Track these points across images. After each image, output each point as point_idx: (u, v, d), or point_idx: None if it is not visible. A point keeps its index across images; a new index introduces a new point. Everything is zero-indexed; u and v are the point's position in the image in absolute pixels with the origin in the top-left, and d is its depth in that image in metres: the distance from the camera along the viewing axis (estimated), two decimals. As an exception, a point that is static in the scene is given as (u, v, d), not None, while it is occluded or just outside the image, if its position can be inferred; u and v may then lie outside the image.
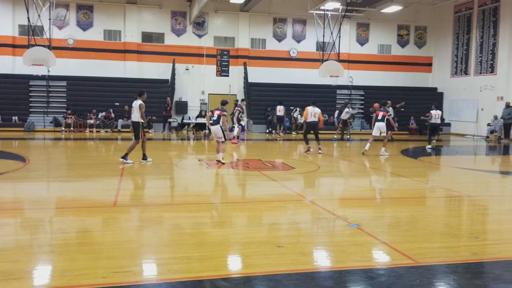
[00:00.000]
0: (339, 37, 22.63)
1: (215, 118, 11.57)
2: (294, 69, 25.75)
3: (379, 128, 13.85)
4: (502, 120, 21.17)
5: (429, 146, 16.14)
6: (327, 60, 22.35)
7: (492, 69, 22.85)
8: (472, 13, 24.16)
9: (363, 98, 26.16)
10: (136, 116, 11.19)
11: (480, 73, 23.65)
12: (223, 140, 11.61)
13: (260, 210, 6.84)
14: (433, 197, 8.38)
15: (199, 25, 25.01)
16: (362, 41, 26.97)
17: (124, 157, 11.25)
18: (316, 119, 14.19)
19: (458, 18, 25.24)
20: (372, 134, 14.28)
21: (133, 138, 11.45)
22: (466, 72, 24.74)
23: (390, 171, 11.80)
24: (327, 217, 6.42)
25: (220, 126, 11.52)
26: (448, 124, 25.81)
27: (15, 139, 17.73)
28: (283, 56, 25.90)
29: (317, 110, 14.20)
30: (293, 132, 23.40)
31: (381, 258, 4.75)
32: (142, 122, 11.19)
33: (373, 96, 24.99)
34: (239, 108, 18.44)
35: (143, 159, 11.43)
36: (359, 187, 9.22)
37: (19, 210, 6.77)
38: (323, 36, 22.91)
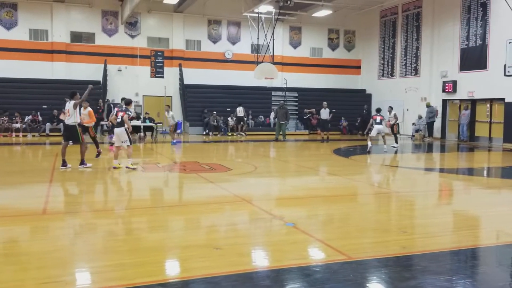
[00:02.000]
0: (273, 39, 23.02)
1: (119, 120, 10.88)
2: (230, 71, 25.85)
3: (379, 130, 15.56)
4: (425, 119, 22.55)
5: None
6: (261, 62, 22.65)
7: (416, 71, 24.27)
8: (397, 18, 25.53)
9: (297, 99, 26.79)
10: (71, 118, 10.67)
11: (405, 75, 25.03)
12: (129, 144, 11.00)
13: (197, 213, 6.81)
14: (364, 194, 8.77)
15: (132, 25, 24.40)
16: (295, 44, 27.61)
17: (82, 163, 10.84)
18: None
19: (384, 22, 26.57)
20: (371, 135, 15.88)
21: (71, 142, 10.98)
22: (392, 74, 26.08)
23: (324, 170, 12.19)
24: (264, 217, 6.51)
25: (125, 129, 10.87)
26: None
27: None
28: (219, 58, 25.92)
29: None
30: (228, 133, 23.49)
31: (316, 255, 4.90)
32: (78, 124, 10.74)
33: (306, 97, 25.70)
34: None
35: (81, 164, 10.91)
36: (294, 186, 9.44)
37: None
38: (258, 38, 23.19)
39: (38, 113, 21.32)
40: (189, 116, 24.35)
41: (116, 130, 11.03)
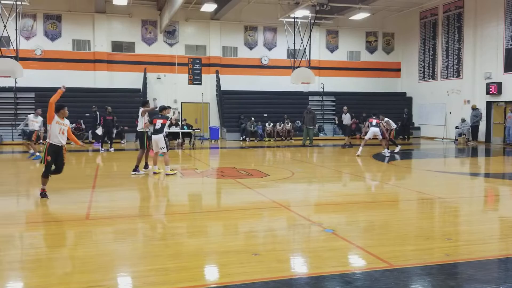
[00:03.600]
0: (309, 44, 22.92)
1: (158, 127, 11.18)
2: (266, 76, 25.91)
3: (374, 132, 15.46)
4: (469, 122, 21.81)
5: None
6: (298, 67, 22.58)
7: (458, 73, 23.54)
8: (437, 19, 24.89)
9: (334, 104, 26.52)
10: (140, 125, 11.27)
11: (447, 77, 24.33)
12: (166, 151, 11.23)
13: (235, 218, 6.82)
14: (405, 200, 8.55)
15: (170, 33, 24.90)
16: (332, 48, 27.39)
17: (135, 169, 11.10)
18: None
19: (424, 24, 25.95)
20: (366, 138, 15.85)
21: (139, 147, 11.54)
22: (433, 77, 25.42)
23: (363, 175, 11.98)
24: (302, 223, 6.46)
25: (164, 136, 11.21)
26: (418, 128, 26.42)
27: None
28: (255, 63, 26.04)
29: None
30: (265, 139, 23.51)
31: (356, 262, 4.81)
32: (146, 131, 11.15)
33: (344, 102, 25.36)
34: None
35: (134, 170, 11.14)
36: (333, 192, 9.32)
37: (-13, 226, 6.55)
38: (294, 43, 23.16)
39: (82, 121, 22.05)
40: (226, 122, 24.56)
41: (153, 137, 11.23)
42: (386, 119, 16.57)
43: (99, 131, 19.22)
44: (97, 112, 19.50)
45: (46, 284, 4.11)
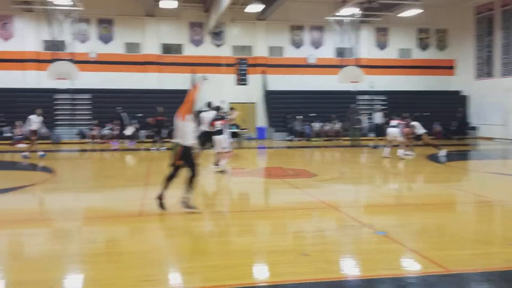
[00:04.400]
0: (358, 42, 22.51)
1: (218, 128, 11.44)
2: (313, 75, 25.68)
3: (392, 133, 14.45)
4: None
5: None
6: (346, 66, 22.23)
7: (517, 71, 22.36)
8: (494, 14, 23.73)
9: (385, 103, 25.89)
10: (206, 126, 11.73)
11: (505, 75, 23.16)
12: (228, 150, 11.56)
13: (283, 218, 6.80)
14: (462, 202, 8.21)
15: (217, 35, 25.21)
16: (381, 45, 26.75)
17: (217, 164, 11.55)
18: None
19: (480, 19, 24.83)
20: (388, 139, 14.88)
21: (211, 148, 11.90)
22: (490, 74, 24.27)
23: (416, 176, 11.62)
24: (352, 224, 6.34)
25: (226, 136, 11.58)
26: (475, 128, 25.30)
27: (42, 151, 18.08)
28: (301, 63, 25.87)
29: None
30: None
31: (410, 266, 4.67)
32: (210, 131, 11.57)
33: (395, 101, 24.72)
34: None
35: (216, 165, 11.61)
36: (384, 193, 9.11)
37: (49, 220, 6.89)
38: (342, 42, 22.81)
39: (135, 121, 22.73)
40: (273, 122, 24.58)
41: (216, 137, 11.49)
42: (414, 123, 15.42)
43: (128, 131, 19.88)
44: (123, 114, 20.43)
45: (103, 277, 4.27)
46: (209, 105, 12.46)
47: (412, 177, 11.40)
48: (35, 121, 15.06)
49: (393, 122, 14.66)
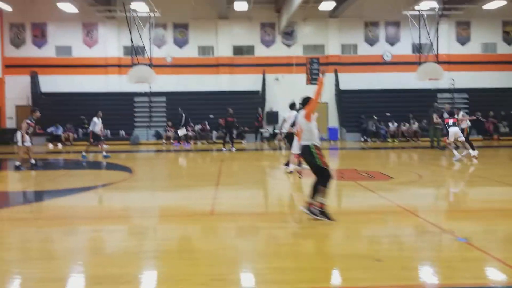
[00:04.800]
0: (437, 37, 21.41)
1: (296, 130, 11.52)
2: (388, 73, 24.81)
3: (455, 133, 13.71)
4: None
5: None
6: (424, 62, 21.22)
7: None
8: None
9: (467, 101, 24.37)
10: (287, 126, 11.90)
11: None
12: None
13: (356, 222, 6.58)
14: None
15: (288, 34, 25.17)
16: (462, 40, 25.25)
17: (287, 164, 11.65)
18: None
19: None
20: (448, 141, 14.07)
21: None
22: None
23: (501, 180, 10.78)
24: (431, 230, 5.99)
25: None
26: None
27: (122, 151, 19.15)
28: (376, 60, 25.10)
29: None
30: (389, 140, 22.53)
31: (495, 275, 4.31)
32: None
33: (478, 99, 23.21)
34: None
35: (285, 164, 11.70)
36: (466, 198, 8.54)
37: (126, 218, 7.22)
38: (419, 37, 21.83)
39: (206, 122, 23.38)
40: (345, 122, 24.07)
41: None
42: (461, 113, 14.63)
43: (181, 131, 20.63)
44: (183, 114, 20.95)
45: (175, 274, 4.37)
46: (292, 106, 12.43)
47: (499, 180, 10.59)
48: (97, 123, 15.86)
49: (451, 122, 13.86)
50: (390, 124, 23.02)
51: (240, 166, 13.35)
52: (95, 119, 15.68)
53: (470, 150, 13.66)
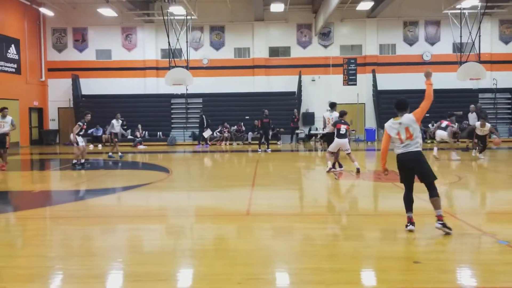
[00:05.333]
0: (479, 36, 20.72)
1: (343, 132, 11.58)
2: (428, 73, 24.18)
3: (440, 136, 14.71)
4: None
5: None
6: (466, 62, 20.58)
7: None
8: None
9: (510, 101, 23.47)
10: (328, 127, 12.17)
11: None
12: (349, 152, 11.76)
13: (394, 224, 6.46)
14: None
15: (325, 35, 25.00)
16: (506, 39, 24.33)
17: (333, 166, 11.84)
18: None
19: None
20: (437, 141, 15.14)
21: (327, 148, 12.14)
22: None
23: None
24: (470, 232, 5.82)
25: (348, 139, 11.76)
26: None
27: (159, 152, 19.55)
28: (415, 60, 24.55)
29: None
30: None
31: (541, 281, 4.13)
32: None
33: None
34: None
35: (333, 166, 11.84)
36: (508, 200, 8.22)
37: (164, 217, 7.37)
38: (461, 36, 21.19)
39: (242, 124, 23.52)
40: (383, 123, 23.60)
41: (340, 141, 11.51)
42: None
43: (206, 133, 21.30)
44: (203, 116, 21.67)
45: (211, 273, 4.43)
46: (332, 106, 12.51)
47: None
48: (116, 125, 16.27)
49: (443, 124, 14.72)
50: (430, 125, 22.42)
51: (275, 167, 13.35)
52: (113, 121, 16.20)
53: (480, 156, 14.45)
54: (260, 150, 18.27)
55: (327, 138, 12.53)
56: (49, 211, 7.79)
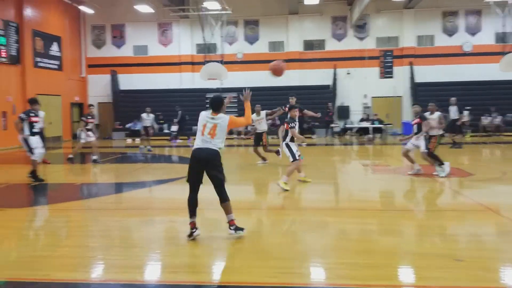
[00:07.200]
0: (524, 25, 19.84)
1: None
2: (468, 65, 23.39)
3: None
4: None
5: None
6: (509, 52, 19.76)
7: None
8: None
9: (557, 93, 22.41)
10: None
11: None
12: (425, 150, 9.98)
13: (433, 219, 6.30)
14: None
15: (360, 27, 24.54)
16: (553, 27, 23.17)
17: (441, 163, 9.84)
18: None
19: None
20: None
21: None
22: None
23: None
24: (516, 229, 5.59)
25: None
26: None
27: (150, 146, 19.75)
28: (455, 51, 23.76)
29: None
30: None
31: None
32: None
33: None
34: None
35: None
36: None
37: (199, 209, 7.44)
38: (504, 26, 20.33)
39: (277, 118, 23.41)
40: (420, 116, 23.03)
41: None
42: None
43: (174, 127, 21.66)
44: (179, 112, 21.79)
45: (244, 265, 4.45)
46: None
47: None
48: (146, 119, 16.47)
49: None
50: (469, 117, 21.68)
51: (310, 160, 13.24)
52: (143, 114, 16.45)
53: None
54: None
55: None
56: (91, 203, 8.03)
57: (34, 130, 9.76)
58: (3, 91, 18.93)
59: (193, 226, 5.35)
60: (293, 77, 24.76)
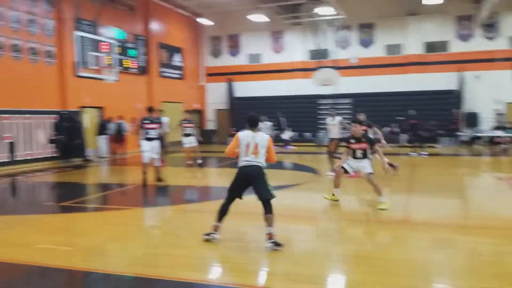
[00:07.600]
0: None
1: None
2: None
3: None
4: None
5: None
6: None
7: None
8: None
9: None
10: None
11: None
12: None
13: None
14: None
15: (489, 27, 22.36)
16: None
17: None
18: None
19: None
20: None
21: None
22: None
23: None
24: None
25: None
26: None
27: (307, 153, 19.66)
28: None
29: None
30: None
31: None
32: None
33: None
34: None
35: None
36: None
37: (313, 218, 7.27)
38: None
39: (394, 125, 22.34)
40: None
41: None
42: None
43: (285, 135, 21.75)
44: (281, 118, 21.61)
45: (364, 281, 4.18)
46: None
47: None
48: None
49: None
50: None
51: (433, 172, 12.31)
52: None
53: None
54: (414, 153, 17.05)
55: None
56: (210, 205, 8.28)
57: (148, 136, 10.32)
58: (133, 99, 20.73)
59: (216, 229, 5.54)
60: (412, 81, 23.45)
